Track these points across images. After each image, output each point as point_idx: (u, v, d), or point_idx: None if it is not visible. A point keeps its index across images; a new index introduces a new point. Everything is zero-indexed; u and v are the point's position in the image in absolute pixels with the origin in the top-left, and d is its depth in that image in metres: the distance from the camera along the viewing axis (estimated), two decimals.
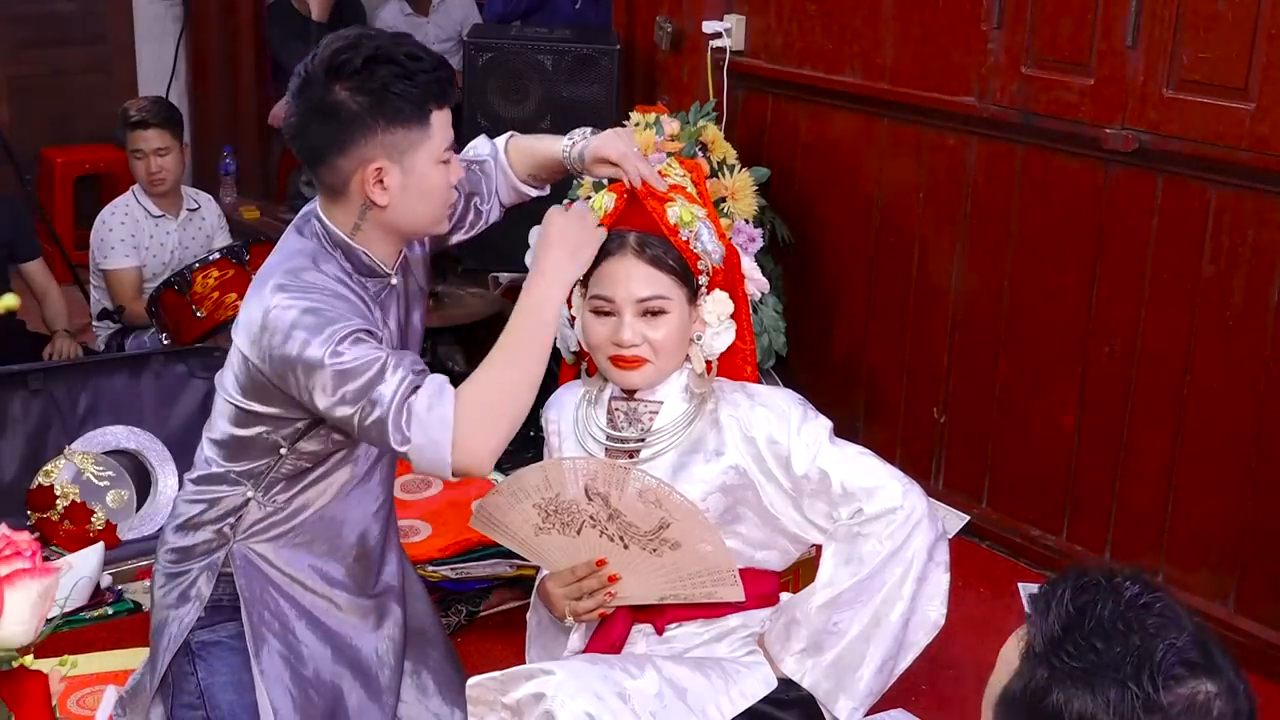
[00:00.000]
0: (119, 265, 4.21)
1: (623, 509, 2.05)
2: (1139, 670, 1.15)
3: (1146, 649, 1.16)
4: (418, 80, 2.03)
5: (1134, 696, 1.14)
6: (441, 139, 2.09)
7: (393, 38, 2.08)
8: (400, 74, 2.02)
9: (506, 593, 3.18)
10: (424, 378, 1.95)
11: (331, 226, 2.10)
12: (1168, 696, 1.14)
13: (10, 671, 1.79)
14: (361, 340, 1.96)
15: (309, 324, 1.97)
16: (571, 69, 3.71)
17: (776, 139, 3.84)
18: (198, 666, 2.20)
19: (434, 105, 2.06)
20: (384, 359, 1.94)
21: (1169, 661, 1.15)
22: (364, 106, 2.01)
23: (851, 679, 2.08)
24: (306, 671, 2.22)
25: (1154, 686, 1.14)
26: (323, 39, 2.15)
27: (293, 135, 2.09)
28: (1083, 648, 1.17)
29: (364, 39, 2.05)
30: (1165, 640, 1.16)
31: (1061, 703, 1.16)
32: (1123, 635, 1.17)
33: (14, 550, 1.77)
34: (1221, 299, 2.95)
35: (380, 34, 2.09)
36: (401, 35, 2.10)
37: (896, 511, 2.06)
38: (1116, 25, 3.00)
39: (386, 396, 1.92)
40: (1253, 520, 2.98)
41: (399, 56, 2.02)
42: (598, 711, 1.90)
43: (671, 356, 2.14)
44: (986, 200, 3.37)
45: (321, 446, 2.15)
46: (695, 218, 2.12)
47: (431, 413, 1.91)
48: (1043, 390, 3.33)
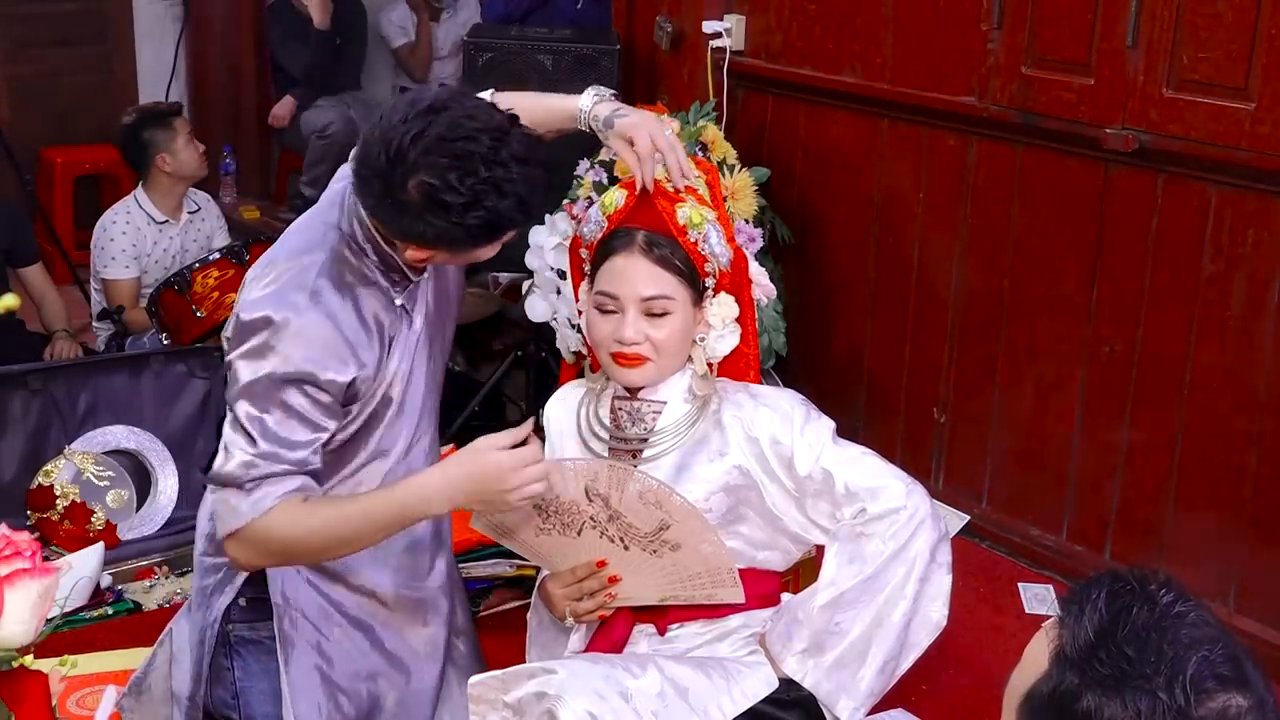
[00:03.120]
0: (118, 276, 4.22)
1: (623, 510, 2.05)
2: (1171, 681, 1.14)
3: (1180, 660, 1.15)
4: (465, 226, 1.88)
5: (1165, 708, 1.13)
6: (492, 248, 1.99)
7: (478, 130, 1.86)
8: (449, 214, 1.86)
9: (506, 593, 3.18)
10: (289, 479, 1.94)
11: (373, 231, 2.00)
12: (1199, 710, 1.13)
13: (10, 671, 1.79)
14: (289, 417, 1.94)
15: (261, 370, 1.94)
16: (571, 69, 3.71)
17: (776, 139, 3.83)
18: (234, 663, 2.17)
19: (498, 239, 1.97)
20: (273, 452, 1.93)
21: (1202, 674, 1.14)
22: (424, 216, 1.88)
23: (853, 679, 2.08)
24: (339, 678, 2.18)
25: (1186, 699, 1.13)
26: (325, 46, 2.12)
27: (357, 185, 1.96)
28: (1115, 655, 1.16)
29: (444, 137, 1.84)
30: (1199, 652, 1.16)
31: (1092, 709, 1.15)
32: (1156, 644, 1.16)
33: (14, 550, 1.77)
34: (1221, 299, 2.95)
35: (463, 127, 1.86)
36: (492, 124, 1.88)
37: (900, 512, 2.06)
38: (1116, 25, 3.00)
39: (243, 456, 1.94)
40: (1253, 520, 2.98)
41: (456, 188, 1.84)
42: (599, 711, 1.90)
43: (673, 357, 2.14)
44: (986, 200, 3.37)
45: (342, 447, 2.08)
46: (705, 220, 2.12)
47: (256, 496, 1.93)
48: (1043, 390, 3.33)
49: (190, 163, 4.29)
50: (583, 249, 2.20)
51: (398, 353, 2.07)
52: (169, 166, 4.24)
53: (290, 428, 1.96)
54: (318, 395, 1.96)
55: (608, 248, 2.13)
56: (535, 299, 3.46)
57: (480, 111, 1.90)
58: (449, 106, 1.88)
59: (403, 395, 2.11)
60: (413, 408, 2.14)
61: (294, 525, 1.95)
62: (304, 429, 1.97)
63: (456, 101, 1.90)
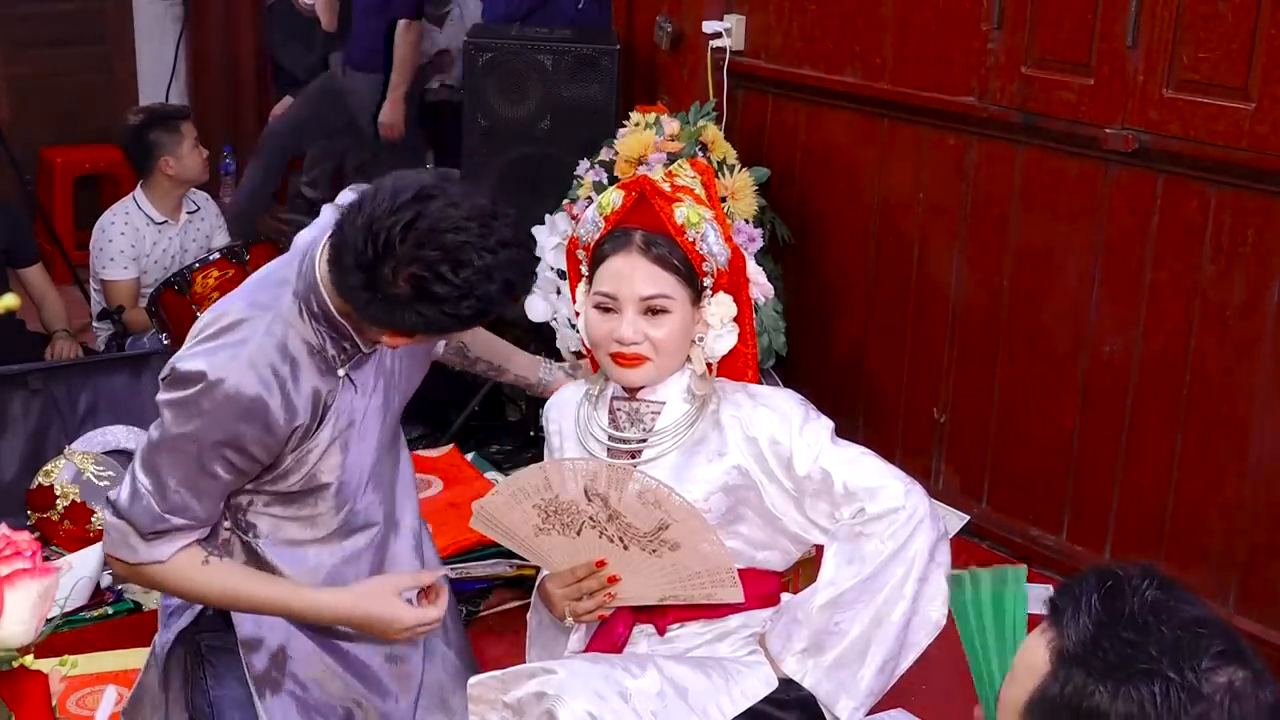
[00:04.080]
0: (117, 276, 4.22)
1: (622, 510, 2.05)
2: (1178, 662, 1.15)
3: (1181, 640, 1.17)
4: (459, 316, 1.88)
5: (1178, 688, 1.14)
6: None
7: (454, 226, 1.85)
8: (442, 305, 1.86)
9: (506, 593, 3.18)
10: (190, 533, 2.00)
11: (329, 303, 1.99)
12: (1208, 686, 1.15)
13: (10, 671, 1.79)
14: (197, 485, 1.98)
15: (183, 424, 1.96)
16: (571, 69, 3.71)
17: (776, 139, 3.83)
18: (206, 673, 2.19)
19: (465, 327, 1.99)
20: (178, 505, 1.98)
21: (1204, 651, 1.16)
22: (414, 307, 1.87)
23: (852, 679, 2.08)
24: (314, 700, 2.20)
25: (1196, 677, 1.15)
26: (332, 54, 2.13)
27: (333, 264, 1.93)
28: (1119, 645, 1.17)
29: (423, 235, 1.83)
30: (1197, 631, 1.18)
31: (1103, 703, 1.16)
32: (1156, 629, 1.17)
33: (14, 550, 1.77)
34: (1221, 299, 2.95)
35: (440, 219, 1.85)
36: (470, 218, 1.86)
37: (899, 511, 2.06)
38: (1116, 25, 3.00)
39: (150, 505, 1.98)
40: (1253, 520, 2.98)
41: (449, 279, 1.83)
42: (599, 710, 1.90)
43: (672, 356, 2.13)
44: (986, 200, 3.37)
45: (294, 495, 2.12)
46: (702, 219, 2.12)
47: (156, 545, 2.00)
48: (1043, 390, 3.33)
49: (194, 167, 4.29)
50: (580, 250, 2.20)
51: (330, 423, 2.05)
52: (172, 170, 4.24)
53: (202, 489, 1.99)
54: (237, 461, 1.99)
55: (605, 248, 2.13)
56: (535, 299, 3.46)
57: (465, 198, 1.88)
58: (434, 195, 1.86)
59: (341, 467, 2.10)
60: (358, 471, 2.15)
61: (185, 580, 2.04)
62: (215, 492, 2.01)
63: (440, 189, 1.88)
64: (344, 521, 2.17)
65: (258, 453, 1.99)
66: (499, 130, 3.75)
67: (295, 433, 2.01)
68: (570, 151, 3.58)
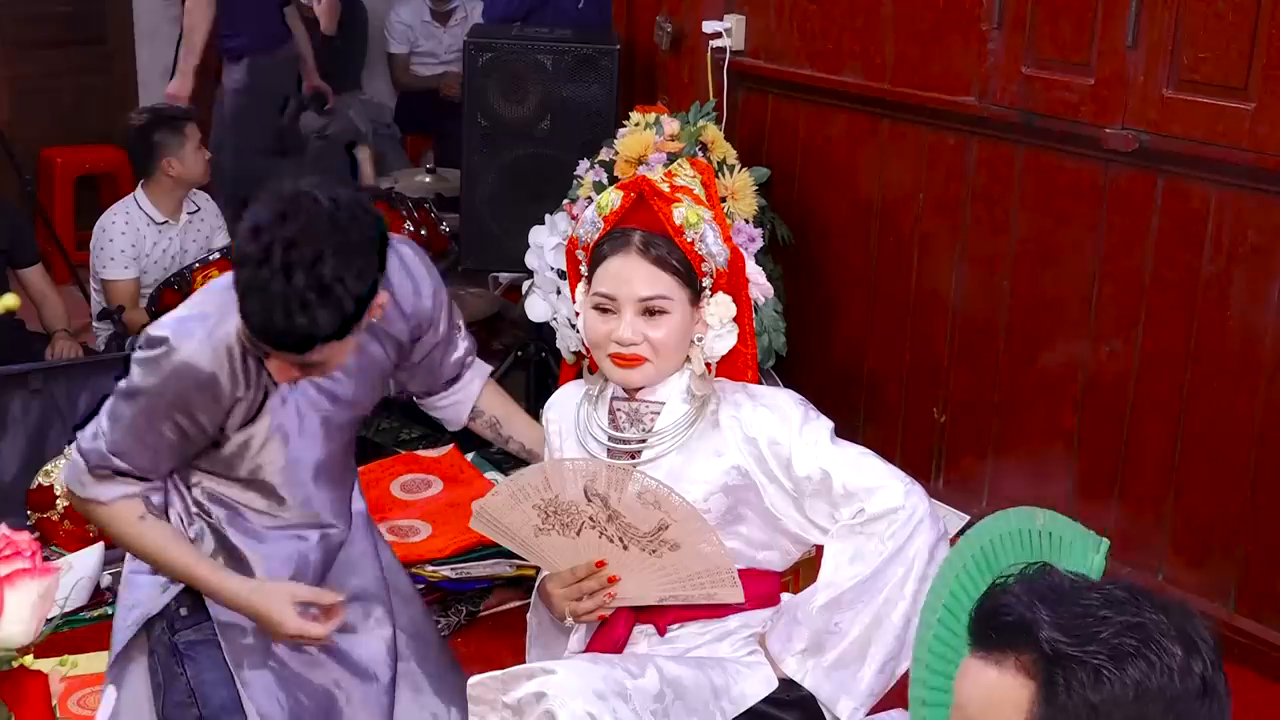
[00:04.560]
0: (117, 276, 4.22)
1: (622, 510, 2.05)
2: (1128, 608, 1.17)
3: (1111, 593, 1.19)
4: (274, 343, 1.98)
5: (1153, 625, 1.17)
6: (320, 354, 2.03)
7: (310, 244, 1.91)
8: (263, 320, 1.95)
9: (506, 593, 3.18)
10: (131, 484, 2.16)
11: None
12: (1161, 617, 1.18)
13: (10, 671, 1.79)
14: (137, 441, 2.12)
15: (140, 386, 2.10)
16: (571, 69, 3.71)
17: (776, 139, 3.83)
18: (186, 666, 2.22)
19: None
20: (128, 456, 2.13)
21: (1131, 593, 1.19)
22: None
23: (853, 679, 2.08)
24: (293, 675, 2.24)
25: (1151, 611, 1.17)
26: (329, 49, 2.16)
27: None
28: (1086, 620, 1.17)
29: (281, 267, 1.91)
30: (1106, 585, 1.20)
31: (1117, 681, 1.15)
32: (1088, 594, 1.19)
33: (14, 550, 1.78)
34: (1221, 299, 2.95)
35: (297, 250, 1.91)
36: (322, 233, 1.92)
37: (898, 511, 2.06)
38: (1116, 25, 3.00)
39: (104, 445, 2.14)
40: (1253, 520, 2.98)
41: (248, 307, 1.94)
42: (599, 711, 1.89)
43: (671, 357, 2.13)
44: (986, 200, 3.37)
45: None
46: (701, 219, 2.12)
47: (101, 485, 2.16)
48: (1043, 390, 3.32)
49: (196, 169, 4.29)
50: (579, 250, 2.20)
51: (270, 414, 2.16)
52: (174, 171, 4.24)
53: (147, 443, 2.13)
54: (184, 424, 2.11)
55: (604, 248, 2.13)
56: (535, 299, 3.46)
57: (302, 224, 1.92)
58: (286, 215, 1.93)
59: (284, 460, 2.21)
60: (304, 468, 2.23)
61: (120, 526, 2.18)
62: (159, 448, 2.14)
63: (295, 208, 1.94)
64: (299, 518, 2.25)
65: (203, 420, 2.11)
66: (499, 130, 3.75)
67: (238, 405, 2.12)
68: (570, 151, 3.58)
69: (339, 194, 1.96)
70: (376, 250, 1.99)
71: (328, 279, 1.90)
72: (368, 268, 1.96)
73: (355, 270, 1.93)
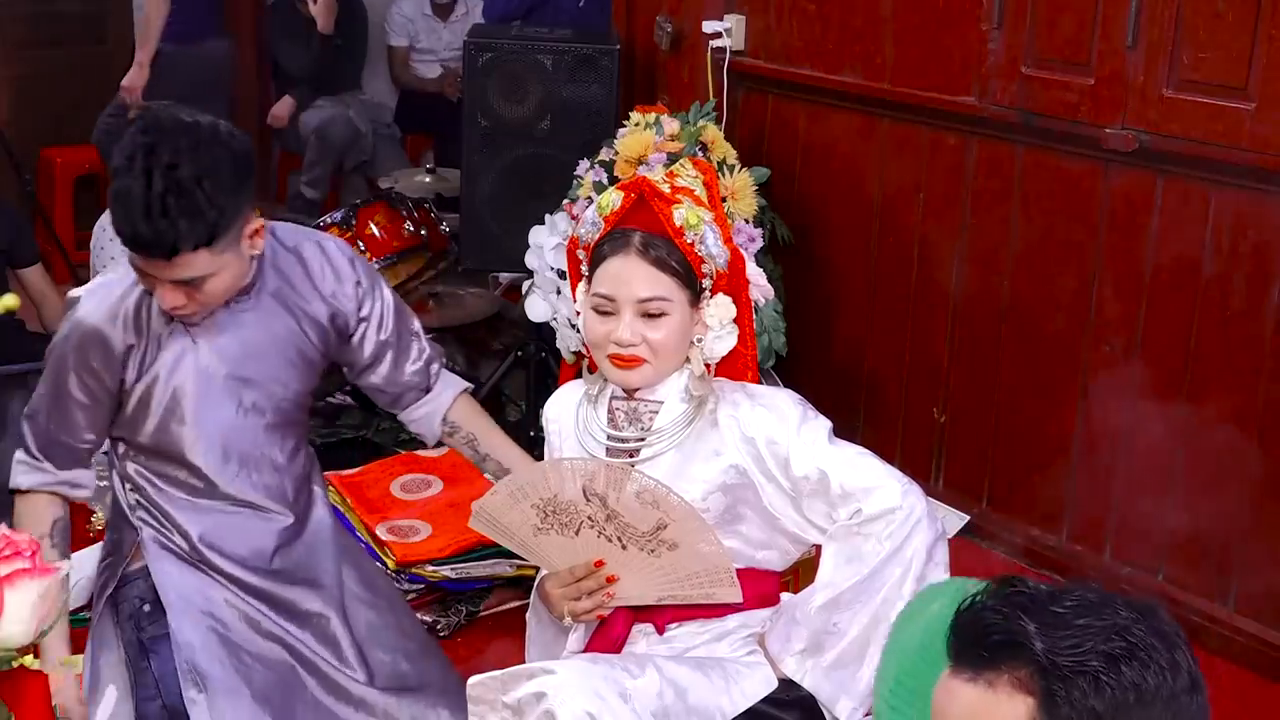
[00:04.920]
0: None
1: (620, 510, 2.05)
2: (1105, 612, 1.17)
3: (1084, 600, 1.19)
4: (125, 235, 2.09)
5: (1131, 630, 1.17)
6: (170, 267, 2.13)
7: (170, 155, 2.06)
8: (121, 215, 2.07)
9: (506, 593, 3.18)
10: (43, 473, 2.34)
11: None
12: (1135, 617, 1.18)
13: (10, 671, 1.79)
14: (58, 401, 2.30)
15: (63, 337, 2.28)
16: (571, 69, 3.71)
17: (776, 139, 3.83)
18: (151, 661, 2.27)
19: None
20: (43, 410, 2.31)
21: (1102, 598, 1.20)
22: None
23: (852, 679, 2.08)
24: (238, 641, 2.28)
25: (1125, 614, 1.18)
26: (326, 48, 2.21)
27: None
28: (1075, 631, 1.17)
29: (147, 157, 2.05)
30: (1076, 592, 1.20)
31: (1117, 686, 1.15)
32: (1069, 604, 1.19)
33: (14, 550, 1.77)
34: (1221, 299, 2.95)
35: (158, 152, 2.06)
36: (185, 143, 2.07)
37: (895, 512, 2.05)
38: (1116, 25, 3.00)
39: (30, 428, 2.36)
40: (1253, 520, 2.98)
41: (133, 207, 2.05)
42: (598, 711, 1.90)
43: (670, 358, 2.13)
44: (986, 200, 3.37)
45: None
46: (701, 220, 2.12)
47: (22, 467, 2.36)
48: (1043, 390, 3.32)
49: None
50: (580, 250, 2.20)
51: (165, 370, 2.27)
52: None
53: (63, 406, 2.30)
54: (91, 385, 2.26)
55: (604, 249, 2.13)
56: (535, 299, 3.46)
57: (161, 125, 2.08)
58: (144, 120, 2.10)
59: (187, 427, 2.30)
60: (214, 442, 2.32)
61: (27, 526, 2.31)
62: (79, 415, 2.30)
63: (157, 121, 2.09)
64: (227, 496, 2.33)
65: (103, 375, 2.25)
66: (499, 130, 3.74)
67: (131, 354, 2.24)
68: (570, 151, 3.58)
69: (205, 116, 2.11)
70: (239, 165, 2.11)
71: (186, 182, 2.03)
72: (229, 177, 2.08)
73: (214, 177, 2.05)
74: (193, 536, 2.32)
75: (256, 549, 2.35)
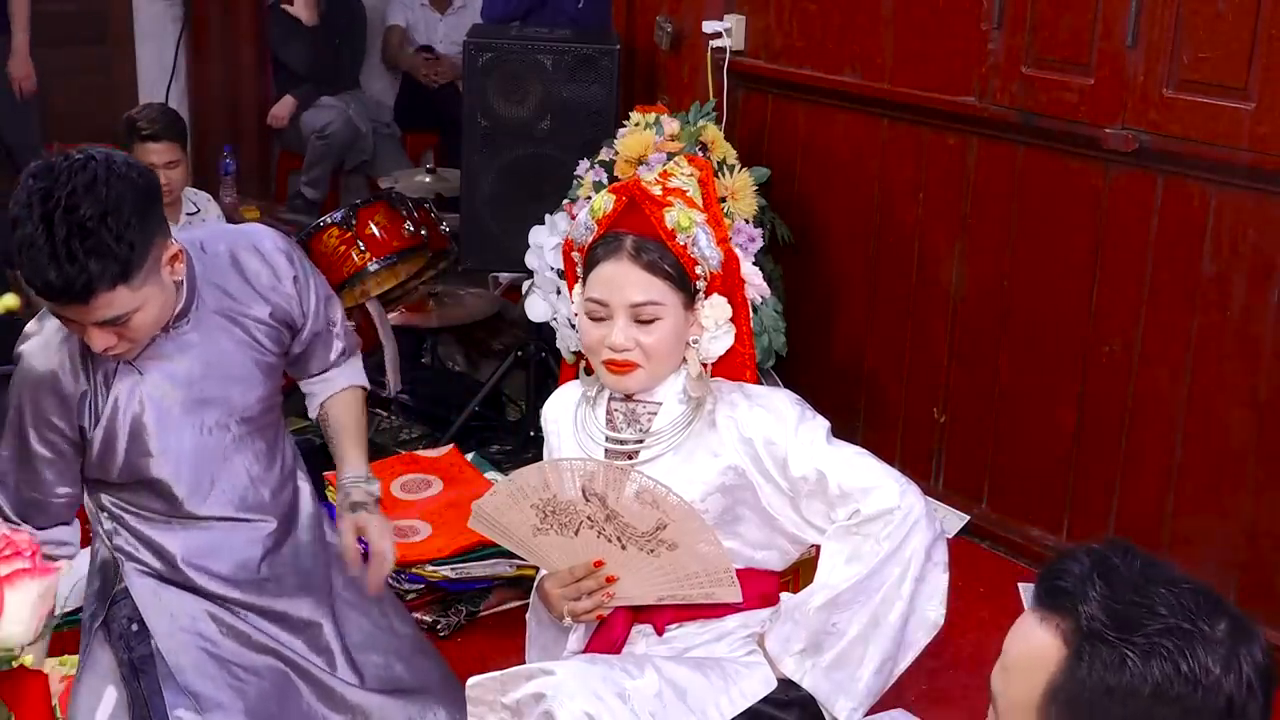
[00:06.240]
0: None
1: (620, 510, 2.05)
2: (1189, 615, 1.19)
3: (1180, 597, 1.21)
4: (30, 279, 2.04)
5: (1198, 638, 1.18)
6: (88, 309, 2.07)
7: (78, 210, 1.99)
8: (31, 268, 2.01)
9: (506, 593, 3.18)
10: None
11: None
12: (1218, 633, 1.20)
13: (10, 671, 1.79)
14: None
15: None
16: (571, 69, 3.70)
17: (776, 139, 3.83)
18: (143, 682, 2.25)
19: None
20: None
21: (1202, 603, 1.21)
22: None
23: (851, 679, 2.08)
24: (227, 656, 2.27)
25: (1207, 625, 1.20)
26: (318, 42, 2.18)
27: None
28: (1134, 611, 1.20)
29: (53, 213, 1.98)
30: (1184, 586, 1.23)
31: (1138, 670, 1.18)
32: (1156, 592, 1.22)
33: (14, 550, 1.78)
34: (1221, 299, 2.95)
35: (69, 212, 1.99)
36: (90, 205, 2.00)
37: (894, 512, 2.06)
38: (1116, 25, 3.00)
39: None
40: (1253, 520, 2.98)
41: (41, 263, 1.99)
42: (597, 711, 1.90)
43: (664, 361, 2.13)
44: (986, 200, 3.37)
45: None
46: (693, 223, 2.12)
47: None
48: (1043, 390, 3.33)
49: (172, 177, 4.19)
50: (575, 251, 2.20)
51: (122, 403, 2.22)
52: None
53: (31, 465, 2.24)
54: (53, 439, 2.22)
55: (598, 252, 2.13)
56: (535, 299, 3.46)
57: (58, 176, 2.00)
58: (42, 175, 2.02)
59: (156, 455, 2.26)
60: (187, 465, 2.29)
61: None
62: (47, 472, 2.25)
63: (52, 170, 2.02)
64: (206, 513, 2.31)
65: (61, 425, 2.21)
66: (499, 130, 3.74)
67: (85, 400, 2.20)
68: (570, 151, 3.58)
69: (97, 151, 2.04)
70: (141, 196, 2.04)
71: (89, 222, 1.97)
72: (132, 210, 2.01)
73: (117, 213, 1.99)
74: (176, 558, 2.29)
75: (242, 561, 2.33)
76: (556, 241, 3.38)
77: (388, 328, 4.08)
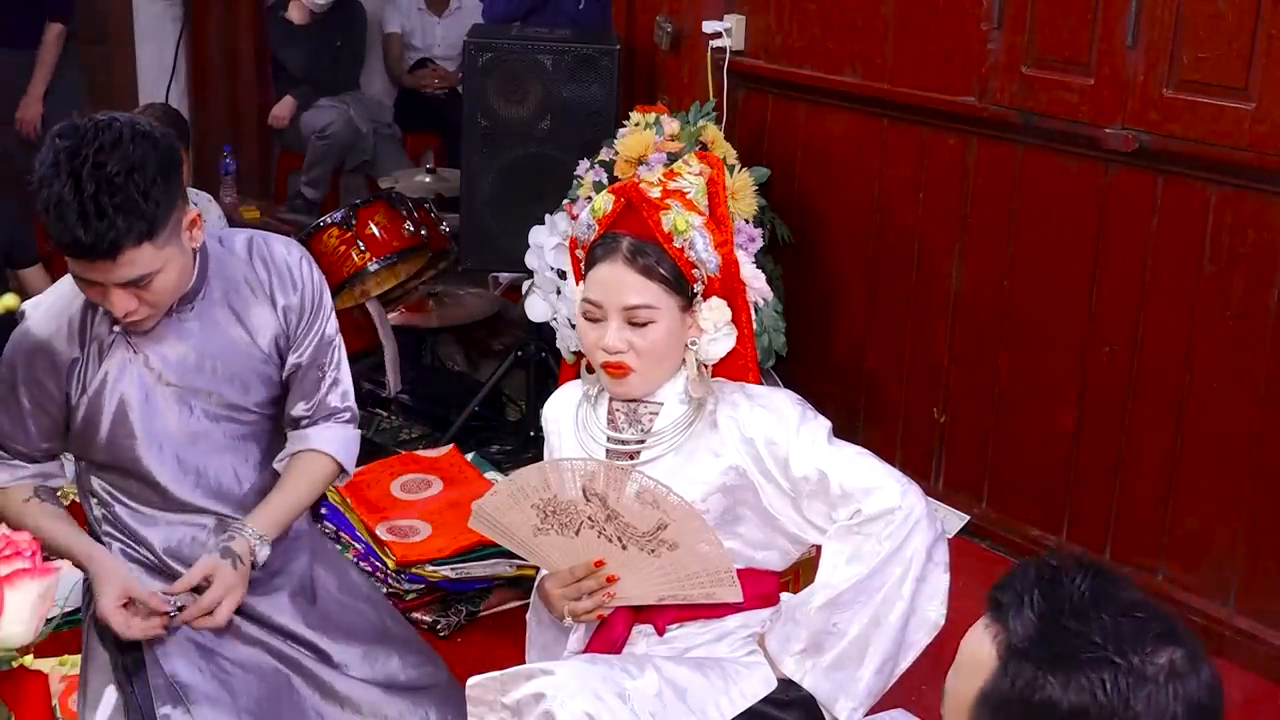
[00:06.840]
0: None
1: (620, 510, 2.05)
2: (1122, 648, 1.18)
3: (1122, 626, 1.20)
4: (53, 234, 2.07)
5: (1125, 674, 1.17)
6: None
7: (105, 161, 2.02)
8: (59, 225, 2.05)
9: (506, 593, 3.18)
10: (20, 467, 2.33)
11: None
12: (1151, 668, 1.18)
13: (10, 671, 1.79)
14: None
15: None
16: (571, 69, 3.71)
17: (776, 139, 3.83)
18: (135, 685, 2.24)
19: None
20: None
21: (1145, 634, 1.19)
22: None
23: (851, 679, 2.08)
24: (214, 647, 2.26)
25: (1140, 660, 1.18)
26: (314, 40, 2.19)
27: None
28: (1064, 635, 1.20)
29: (80, 172, 2.01)
30: (1133, 615, 1.21)
31: (1056, 694, 1.18)
32: (1098, 617, 1.20)
33: (14, 550, 1.78)
34: (1221, 299, 2.95)
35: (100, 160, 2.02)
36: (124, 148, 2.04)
37: (895, 512, 2.06)
38: (1116, 25, 3.00)
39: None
40: (1253, 520, 2.98)
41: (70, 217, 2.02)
42: (597, 711, 1.90)
43: (659, 364, 2.13)
44: (986, 200, 3.37)
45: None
46: (690, 226, 2.11)
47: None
48: (1043, 390, 3.33)
49: None
50: (579, 250, 2.21)
51: (110, 380, 2.25)
52: None
53: (14, 413, 2.29)
54: (39, 396, 2.26)
55: (597, 252, 2.13)
56: (535, 299, 3.46)
57: (83, 134, 2.04)
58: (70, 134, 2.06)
59: (138, 439, 2.27)
60: (166, 453, 2.30)
61: (10, 509, 2.33)
62: (21, 419, 2.29)
63: (78, 128, 2.06)
64: (189, 506, 2.32)
65: (50, 386, 2.25)
66: (499, 130, 3.74)
67: (75, 366, 2.24)
68: (570, 151, 3.58)
69: (120, 114, 2.08)
70: (164, 156, 2.07)
71: (116, 178, 2.00)
72: (156, 169, 2.04)
73: (143, 170, 2.02)
74: (158, 549, 2.31)
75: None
76: (556, 241, 3.39)
77: (388, 328, 4.08)
